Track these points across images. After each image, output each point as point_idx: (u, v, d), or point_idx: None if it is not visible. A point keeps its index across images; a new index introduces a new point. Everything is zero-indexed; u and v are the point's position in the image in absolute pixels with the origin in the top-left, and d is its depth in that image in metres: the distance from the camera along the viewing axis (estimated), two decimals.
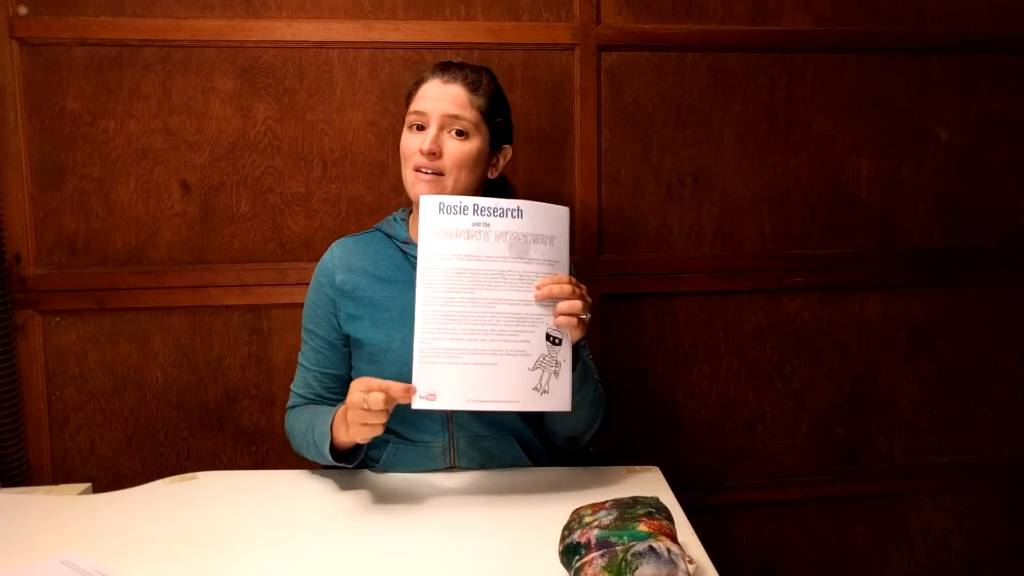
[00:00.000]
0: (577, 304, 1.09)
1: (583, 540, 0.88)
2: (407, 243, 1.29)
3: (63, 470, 1.60)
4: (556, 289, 1.09)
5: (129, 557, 0.99)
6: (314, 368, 1.30)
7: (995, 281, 1.83)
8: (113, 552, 1.00)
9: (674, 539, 0.88)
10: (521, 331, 1.09)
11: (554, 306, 1.10)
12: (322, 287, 1.29)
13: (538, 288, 1.09)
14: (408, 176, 1.23)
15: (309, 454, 1.23)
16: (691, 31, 1.67)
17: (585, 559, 0.86)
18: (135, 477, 1.61)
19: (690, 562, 0.86)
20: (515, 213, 1.10)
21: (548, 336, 1.10)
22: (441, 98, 1.21)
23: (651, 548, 0.83)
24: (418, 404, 1.08)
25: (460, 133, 1.22)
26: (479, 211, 1.10)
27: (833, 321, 1.79)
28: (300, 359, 1.32)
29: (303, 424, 1.24)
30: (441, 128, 1.21)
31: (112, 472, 1.62)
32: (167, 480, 1.23)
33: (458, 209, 1.09)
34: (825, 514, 1.85)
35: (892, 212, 1.79)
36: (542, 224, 1.11)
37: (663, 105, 1.69)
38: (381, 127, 1.62)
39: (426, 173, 1.21)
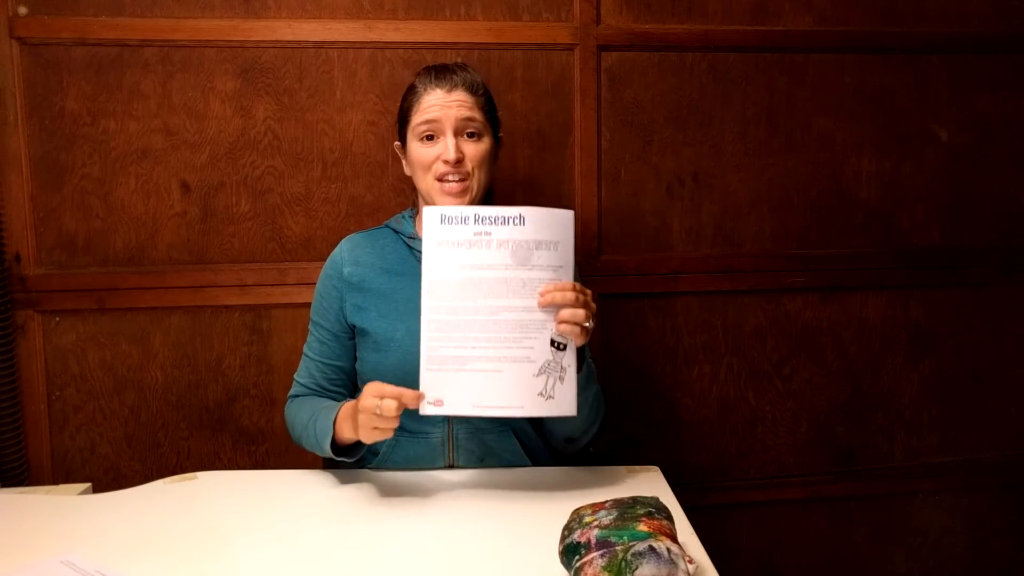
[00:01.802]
0: (580, 312, 1.09)
1: (583, 540, 0.88)
2: (412, 239, 1.32)
3: (63, 470, 1.60)
4: (559, 296, 1.09)
5: (129, 557, 0.99)
6: (318, 359, 1.32)
7: (995, 281, 1.83)
8: (113, 552, 1.00)
9: (674, 539, 0.88)
10: (525, 337, 1.10)
11: (558, 312, 1.10)
12: (330, 279, 1.32)
13: (541, 295, 1.09)
14: (431, 186, 1.26)
15: (307, 445, 1.25)
16: (691, 31, 1.67)
17: (585, 559, 0.86)
18: (135, 477, 1.61)
19: (690, 562, 0.86)
20: (517, 220, 1.10)
21: (553, 342, 1.10)
22: (451, 105, 1.23)
23: (651, 548, 0.83)
24: (426, 410, 1.10)
25: (472, 135, 1.25)
26: (480, 220, 1.10)
27: (833, 321, 1.79)
28: (305, 349, 1.35)
29: (304, 416, 1.26)
30: (456, 134, 1.23)
31: (112, 472, 1.62)
32: (167, 480, 1.23)
33: (459, 220, 1.10)
34: (825, 514, 1.85)
35: (892, 212, 1.79)
36: (545, 230, 1.10)
37: (663, 105, 1.69)
38: (381, 127, 1.62)
39: (453, 181, 1.23)
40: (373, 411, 1.07)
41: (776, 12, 1.70)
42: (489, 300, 1.09)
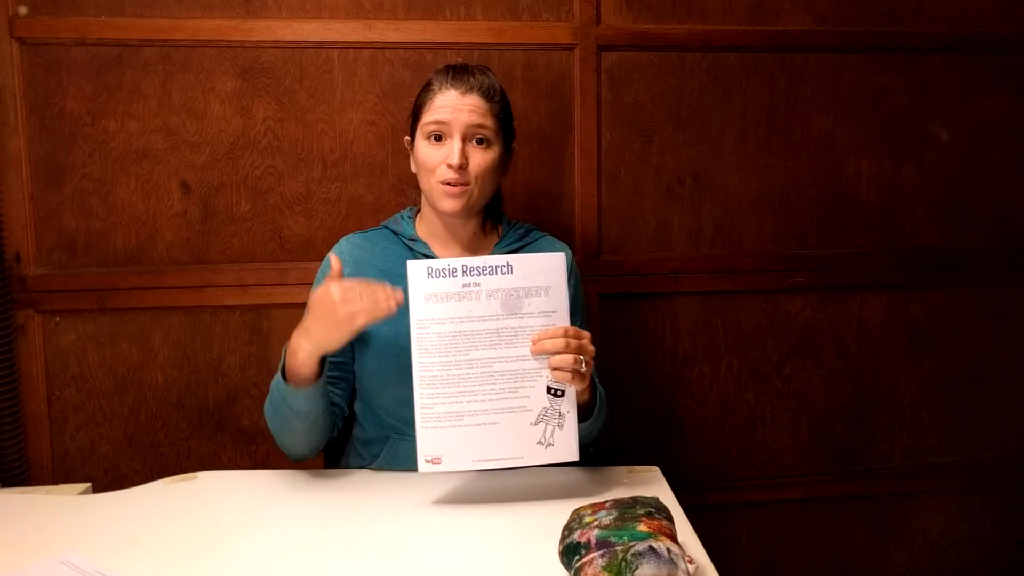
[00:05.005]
0: (568, 359, 1.08)
1: (583, 540, 0.88)
2: (414, 240, 1.31)
3: (63, 470, 1.60)
4: (549, 344, 1.08)
5: (129, 557, 0.99)
6: None
7: (995, 281, 1.83)
8: (113, 552, 1.00)
9: (674, 539, 0.88)
10: (521, 387, 1.09)
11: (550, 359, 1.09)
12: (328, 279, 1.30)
13: (532, 343, 1.09)
14: (434, 188, 1.24)
15: (277, 417, 1.21)
16: (691, 31, 1.67)
17: (585, 559, 0.86)
18: (135, 477, 1.61)
19: (690, 562, 0.86)
20: (505, 269, 1.09)
21: (549, 389, 1.10)
22: (462, 108, 1.21)
23: (651, 548, 0.83)
24: (424, 468, 1.10)
25: (481, 142, 1.23)
26: (468, 272, 1.09)
27: (833, 321, 1.79)
28: None
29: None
30: (464, 139, 1.22)
31: (112, 472, 1.62)
32: (167, 480, 1.23)
33: (447, 272, 1.09)
34: (825, 514, 1.85)
35: (892, 212, 1.79)
36: (534, 276, 1.10)
37: (663, 105, 1.69)
38: (381, 127, 1.62)
39: (453, 186, 1.22)
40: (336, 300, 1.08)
41: (776, 12, 1.70)
42: (482, 352, 1.09)
